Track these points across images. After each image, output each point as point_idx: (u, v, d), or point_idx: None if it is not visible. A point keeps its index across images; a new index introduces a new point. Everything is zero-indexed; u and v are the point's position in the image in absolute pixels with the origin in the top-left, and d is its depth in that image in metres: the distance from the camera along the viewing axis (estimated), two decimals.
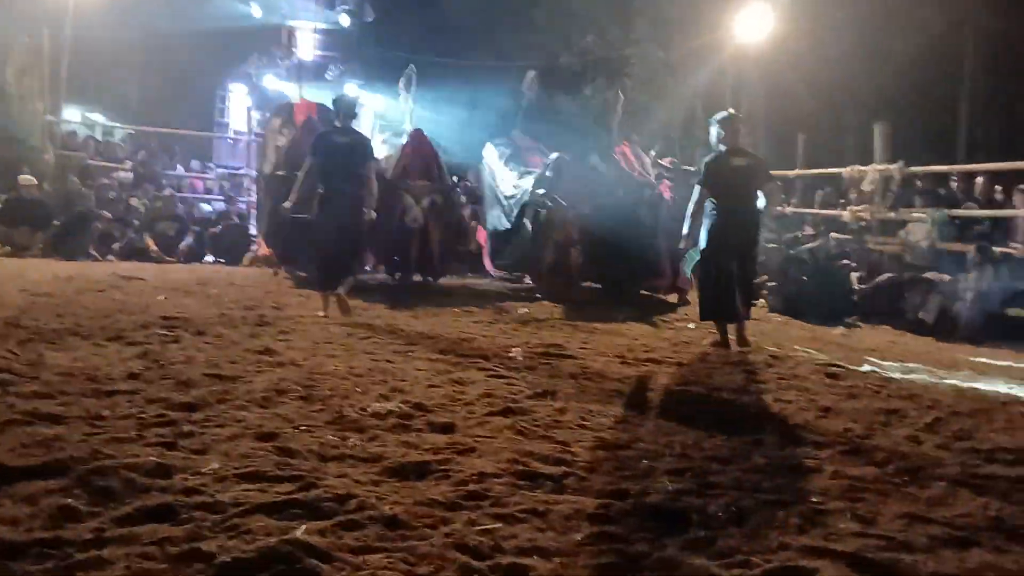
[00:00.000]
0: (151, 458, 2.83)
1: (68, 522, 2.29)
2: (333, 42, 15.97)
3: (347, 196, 6.74)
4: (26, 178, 10.85)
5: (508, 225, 9.80)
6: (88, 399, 3.61)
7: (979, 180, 9.59)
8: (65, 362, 4.29)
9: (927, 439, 3.91)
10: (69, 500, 2.41)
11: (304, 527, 2.32)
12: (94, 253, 10.54)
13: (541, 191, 9.11)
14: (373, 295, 8.38)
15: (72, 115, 16.09)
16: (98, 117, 18.22)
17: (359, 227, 6.91)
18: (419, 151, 9.62)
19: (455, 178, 10.65)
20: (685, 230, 6.43)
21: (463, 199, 11.56)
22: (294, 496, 2.57)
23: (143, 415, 3.41)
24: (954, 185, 10.19)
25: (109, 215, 11.24)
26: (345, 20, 15.86)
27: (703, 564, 2.33)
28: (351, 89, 13.91)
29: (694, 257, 6.73)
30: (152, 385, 3.96)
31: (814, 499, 2.95)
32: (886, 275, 9.19)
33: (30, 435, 3.00)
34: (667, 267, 9.30)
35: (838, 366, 5.87)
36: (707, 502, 2.82)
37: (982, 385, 5.56)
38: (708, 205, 6.22)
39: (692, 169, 9.17)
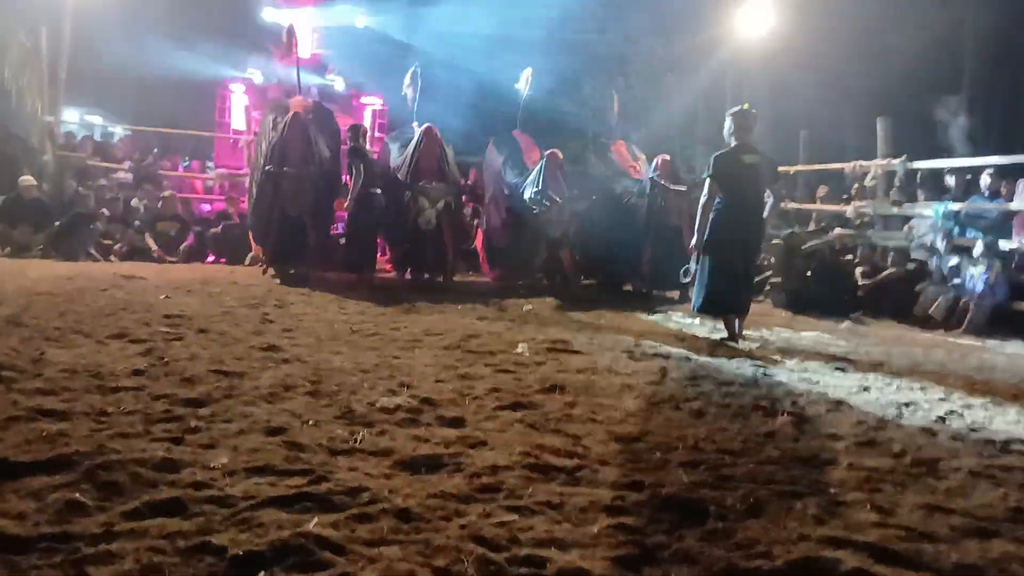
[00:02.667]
0: (158, 453, 2.79)
1: (75, 516, 2.25)
2: (333, 41, 15.92)
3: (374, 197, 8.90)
4: (26, 178, 10.79)
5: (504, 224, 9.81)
6: (92, 395, 3.56)
7: (986, 173, 9.52)
8: (68, 359, 4.24)
9: (941, 431, 3.87)
10: (76, 495, 2.37)
11: (317, 520, 2.28)
12: (94, 253, 10.47)
13: (535, 190, 9.06)
14: (378, 293, 8.34)
15: (71, 116, 16.02)
16: (96, 119, 18.17)
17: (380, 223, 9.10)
18: (431, 149, 9.48)
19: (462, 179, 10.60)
20: (697, 225, 6.41)
21: (464, 198, 11.47)
22: (305, 489, 2.53)
23: (149, 411, 3.37)
24: (950, 180, 10.09)
25: (109, 215, 11.18)
26: (361, 21, 15.96)
27: (723, 555, 2.29)
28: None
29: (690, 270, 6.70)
30: (157, 382, 3.92)
31: (831, 490, 2.92)
32: (891, 270, 9.14)
33: (34, 431, 2.96)
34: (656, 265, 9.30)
35: (847, 359, 5.83)
36: (724, 494, 2.78)
37: (993, 376, 5.52)
38: (716, 200, 6.20)
39: (683, 190, 9.13)
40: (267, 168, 8.90)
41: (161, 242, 11.01)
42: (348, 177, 9.52)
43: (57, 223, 10.53)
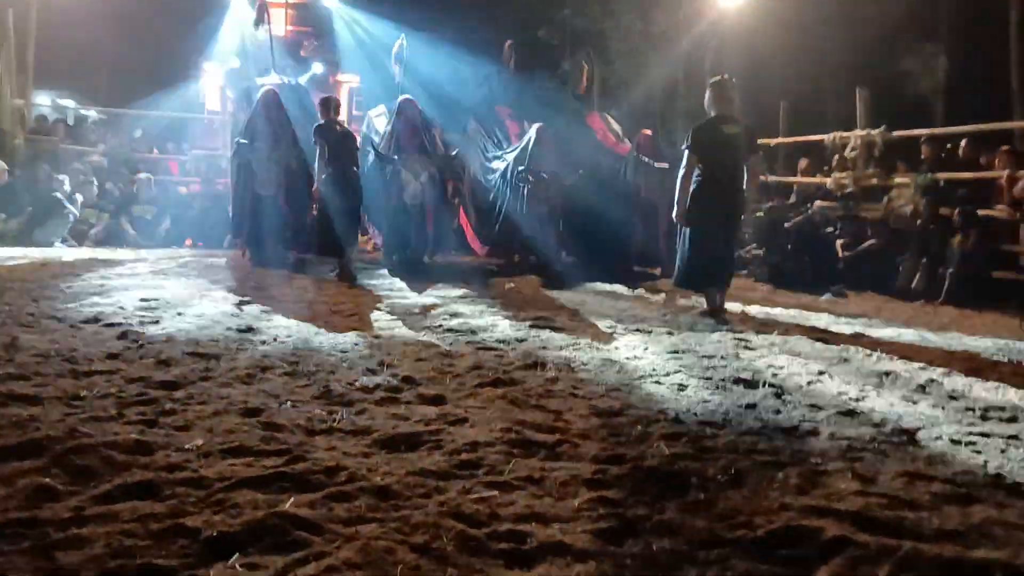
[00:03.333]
0: (132, 436, 2.73)
1: (45, 502, 2.19)
2: (307, 17, 15.68)
3: (348, 174, 8.23)
4: None
5: (490, 201, 9.69)
6: (65, 380, 3.50)
7: (962, 143, 9.55)
8: (41, 345, 4.17)
9: (921, 399, 3.88)
10: (46, 479, 2.32)
11: (293, 499, 2.24)
12: (69, 238, 10.33)
13: (522, 167, 9.00)
14: (359, 273, 8.28)
15: (43, 100, 15.75)
16: (69, 102, 17.86)
17: (357, 202, 8.41)
18: (410, 121, 9.22)
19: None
20: (676, 198, 6.34)
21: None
22: (281, 469, 2.48)
23: (122, 394, 3.32)
24: (925, 151, 10.10)
25: (83, 199, 11.01)
26: None
27: (705, 526, 2.27)
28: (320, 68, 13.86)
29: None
30: (132, 365, 3.86)
31: (813, 460, 2.91)
32: (871, 241, 9.16)
33: (4, 416, 2.90)
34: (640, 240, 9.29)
35: (828, 331, 5.85)
36: (705, 465, 2.77)
37: (972, 344, 5.55)
38: (695, 171, 6.13)
39: (665, 167, 9.07)
40: (236, 147, 8.88)
41: (137, 226, 10.87)
42: None
43: (30, 209, 10.36)
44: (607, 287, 7.95)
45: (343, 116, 9.49)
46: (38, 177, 11.05)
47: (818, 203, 10.35)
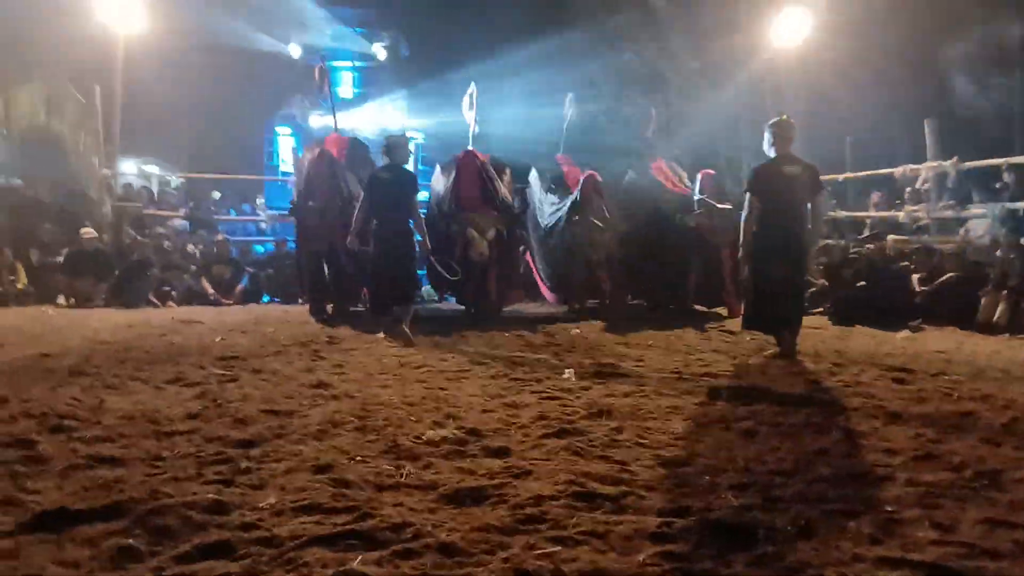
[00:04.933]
0: (209, 495, 2.84)
1: (128, 562, 2.30)
2: (370, 78, 16.25)
3: (396, 225, 7.35)
4: (87, 230, 11.22)
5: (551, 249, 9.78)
6: (148, 440, 3.66)
7: None
8: (126, 406, 4.37)
9: (1004, 441, 3.73)
10: (129, 540, 2.43)
11: (361, 557, 2.30)
12: (153, 300, 10.80)
13: (577, 216, 9.08)
14: (426, 324, 8.42)
15: (128, 167, 16.64)
16: (153, 168, 18.81)
17: (410, 255, 7.51)
18: (471, 174, 8.99)
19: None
20: (740, 241, 6.33)
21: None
22: (350, 527, 2.55)
23: (201, 453, 3.45)
24: (1008, 178, 9.81)
25: (166, 262, 11.53)
26: (382, 53, 16.09)
27: None
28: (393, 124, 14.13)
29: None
30: (210, 424, 4.01)
31: (887, 508, 2.83)
32: (949, 275, 8.88)
33: (92, 478, 3.05)
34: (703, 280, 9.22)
35: (904, 370, 5.68)
36: (774, 516, 2.73)
37: None
38: (757, 212, 6.09)
39: (728, 207, 8.97)
40: (292, 207, 9.12)
41: (216, 285, 11.30)
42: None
43: (117, 272, 10.89)
44: (674, 330, 7.88)
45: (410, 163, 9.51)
46: (124, 241, 11.64)
47: (891, 237, 10.10)
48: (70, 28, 13.54)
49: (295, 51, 15.24)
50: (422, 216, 7.85)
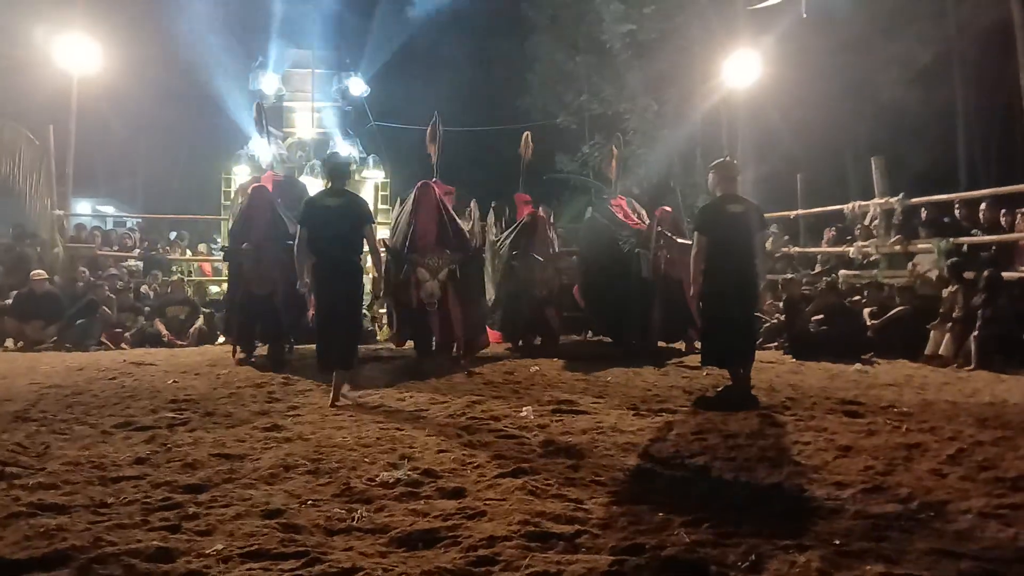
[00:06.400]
0: (154, 543, 2.78)
1: None
2: (332, 120, 16.28)
3: (343, 265, 6.12)
4: (37, 272, 10.98)
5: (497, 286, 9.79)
6: (93, 487, 3.57)
7: (983, 206, 9.55)
8: (72, 452, 4.26)
9: (951, 472, 3.81)
10: None
11: None
12: (106, 342, 10.58)
13: (516, 250, 9.16)
14: (384, 363, 8.36)
15: (83, 208, 16.42)
16: (109, 208, 18.59)
17: (356, 301, 6.33)
18: (429, 209, 8.25)
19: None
20: (691, 278, 6.40)
21: None
22: (298, 572, 2.52)
23: (148, 499, 3.37)
24: (958, 213, 10.17)
25: (119, 303, 11.32)
26: (359, 86, 16.11)
27: None
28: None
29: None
30: (159, 469, 3.93)
31: (836, 541, 2.86)
32: (898, 308, 9.08)
33: (33, 527, 2.96)
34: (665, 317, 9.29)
35: (856, 403, 5.78)
36: (726, 551, 2.74)
37: (1004, 411, 5.43)
38: (705, 250, 6.18)
39: (688, 243, 9.06)
40: (225, 249, 8.57)
41: (171, 327, 11.12)
42: None
43: (68, 313, 10.66)
44: (633, 367, 7.92)
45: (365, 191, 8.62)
46: (75, 283, 11.41)
47: (842, 272, 10.32)
48: (24, 69, 13.45)
49: (268, 87, 15.21)
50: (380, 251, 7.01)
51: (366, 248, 6.41)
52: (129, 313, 11.31)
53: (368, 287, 7.49)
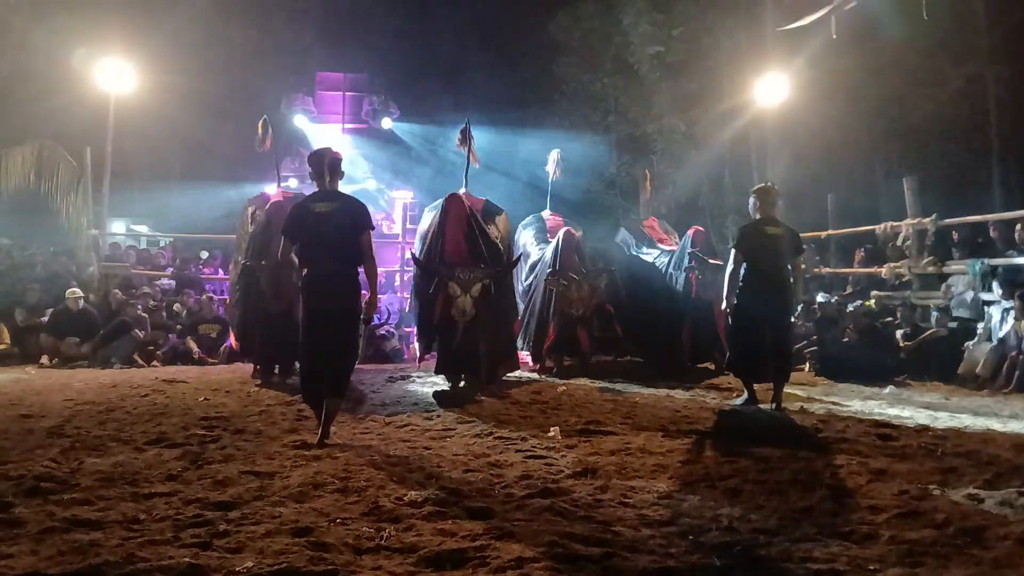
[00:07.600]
0: (185, 559, 2.80)
1: None
2: (360, 141, 16.49)
3: (336, 280, 5.21)
4: (72, 291, 11.18)
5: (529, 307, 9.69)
6: (126, 503, 3.61)
7: (1019, 227, 9.39)
8: (105, 467, 4.31)
9: (987, 497, 3.73)
10: None
11: None
12: (138, 359, 10.72)
13: (549, 269, 9.10)
14: (410, 382, 8.38)
15: (118, 227, 16.70)
16: (143, 228, 18.88)
17: (352, 321, 5.34)
18: (459, 222, 7.79)
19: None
20: (725, 292, 6.65)
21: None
22: None
23: (180, 516, 3.40)
24: (993, 234, 10.02)
25: (150, 321, 11.47)
26: (388, 123, 16.41)
27: None
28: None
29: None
30: (190, 486, 3.96)
31: (871, 567, 2.81)
32: (932, 330, 8.95)
33: (67, 542, 3.00)
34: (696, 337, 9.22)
35: (889, 426, 5.69)
36: None
37: None
38: (742, 270, 6.48)
39: (720, 263, 8.95)
40: (244, 263, 8.30)
41: (203, 344, 11.24)
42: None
43: (102, 332, 10.83)
44: (662, 387, 7.87)
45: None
46: (109, 302, 11.60)
47: (874, 293, 10.20)
48: (63, 91, 13.78)
49: (299, 121, 15.45)
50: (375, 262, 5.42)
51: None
52: (160, 331, 11.46)
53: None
